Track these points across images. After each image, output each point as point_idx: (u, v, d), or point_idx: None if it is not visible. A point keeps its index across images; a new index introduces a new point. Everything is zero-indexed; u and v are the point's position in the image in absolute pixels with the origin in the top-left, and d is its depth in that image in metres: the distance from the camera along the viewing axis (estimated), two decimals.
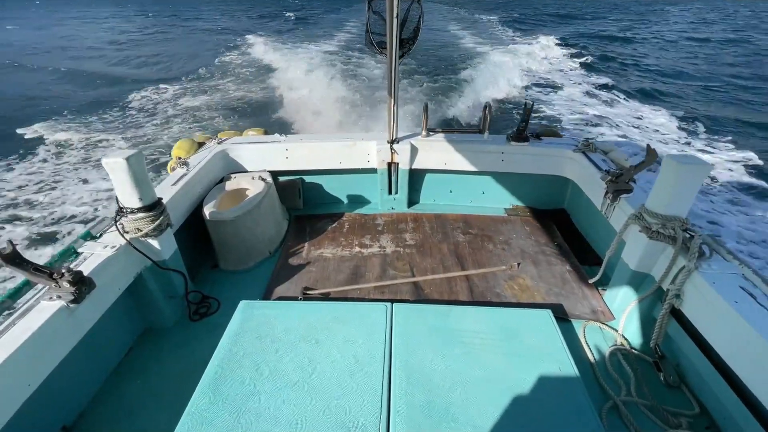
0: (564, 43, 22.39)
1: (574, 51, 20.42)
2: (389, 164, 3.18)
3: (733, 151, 8.99)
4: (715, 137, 9.86)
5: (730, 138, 9.75)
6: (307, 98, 11.64)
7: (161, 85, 14.73)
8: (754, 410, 1.51)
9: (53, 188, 7.48)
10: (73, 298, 1.59)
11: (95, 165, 8.23)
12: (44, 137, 9.84)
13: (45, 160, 8.65)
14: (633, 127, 10.52)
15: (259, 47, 21.14)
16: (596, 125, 10.62)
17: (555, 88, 14.06)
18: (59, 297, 1.59)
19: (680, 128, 10.41)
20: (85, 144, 9.55)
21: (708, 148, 9.25)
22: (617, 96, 13.22)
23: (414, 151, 3.13)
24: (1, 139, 9.72)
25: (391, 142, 3.07)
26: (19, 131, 10.19)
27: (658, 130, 10.34)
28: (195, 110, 11.98)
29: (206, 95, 13.48)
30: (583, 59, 18.55)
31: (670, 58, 19.77)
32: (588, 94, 13.59)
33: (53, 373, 1.58)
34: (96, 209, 6.77)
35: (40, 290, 1.64)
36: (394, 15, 2.30)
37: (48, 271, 1.55)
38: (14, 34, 29.43)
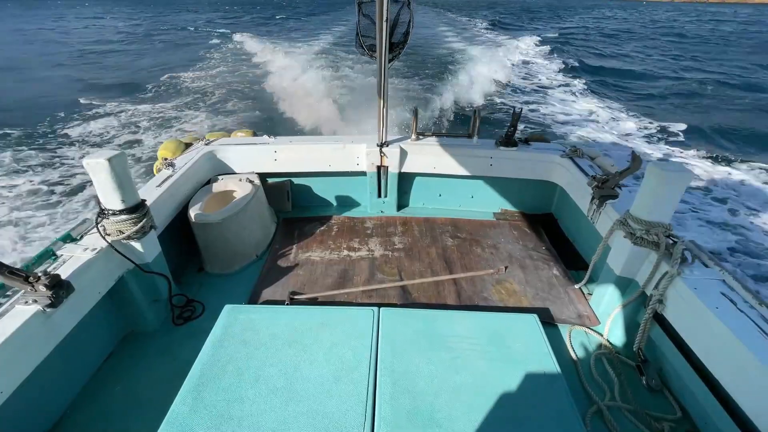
0: (544, 43, 23.32)
1: (553, 53, 21.24)
2: (379, 167, 3.17)
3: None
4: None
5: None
6: (297, 99, 11.61)
7: (147, 86, 14.57)
8: (733, 415, 1.53)
9: None
10: (49, 302, 1.54)
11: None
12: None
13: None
14: (613, 131, 10.77)
15: (249, 47, 21.10)
16: (580, 127, 10.85)
17: (540, 92, 14.34)
18: (35, 301, 1.54)
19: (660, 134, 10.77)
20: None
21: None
22: (600, 98, 13.60)
23: (403, 154, 3.13)
24: None
25: (381, 145, 3.07)
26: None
27: (630, 134, 10.63)
28: (180, 111, 11.84)
29: (193, 96, 13.35)
30: (560, 59, 19.34)
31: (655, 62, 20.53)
32: (573, 94, 13.95)
33: (28, 379, 1.53)
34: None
35: (16, 294, 1.59)
36: (384, 19, 2.31)
37: (24, 275, 1.51)
38: None
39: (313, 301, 2.38)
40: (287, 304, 2.31)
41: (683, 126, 11.14)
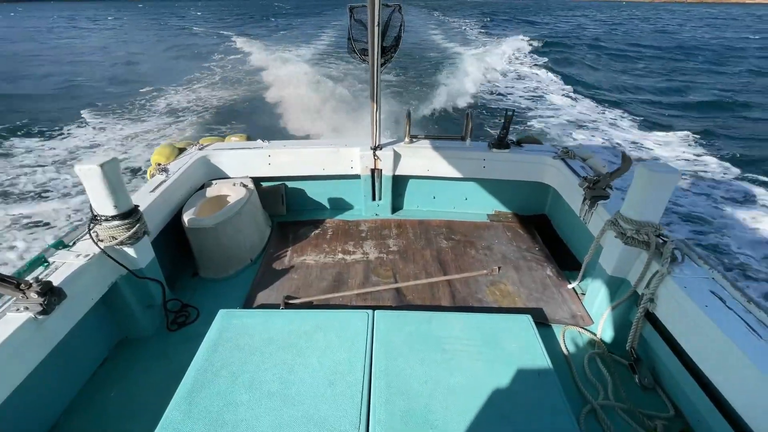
0: (534, 43, 23.97)
1: (542, 52, 21.83)
2: (372, 170, 3.18)
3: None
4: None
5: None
6: (291, 103, 11.63)
7: (141, 90, 14.53)
8: (724, 412, 1.55)
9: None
10: (41, 309, 1.53)
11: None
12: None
13: None
14: (605, 132, 10.91)
15: (243, 51, 21.13)
16: (572, 129, 10.98)
17: (531, 94, 14.51)
18: (26, 308, 1.53)
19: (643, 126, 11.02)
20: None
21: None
22: (591, 100, 13.81)
23: (397, 157, 3.14)
24: None
25: (374, 148, 3.08)
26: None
27: (622, 134, 10.77)
28: (175, 116, 11.81)
29: (187, 101, 13.33)
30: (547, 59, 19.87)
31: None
32: (565, 96, 14.12)
33: (22, 386, 1.51)
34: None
35: (7, 302, 1.58)
36: (376, 23, 2.32)
37: (15, 282, 1.50)
38: None
39: (308, 305, 2.37)
40: (282, 308, 2.31)
41: (673, 123, 11.47)
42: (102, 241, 1.92)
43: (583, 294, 2.46)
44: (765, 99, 14.40)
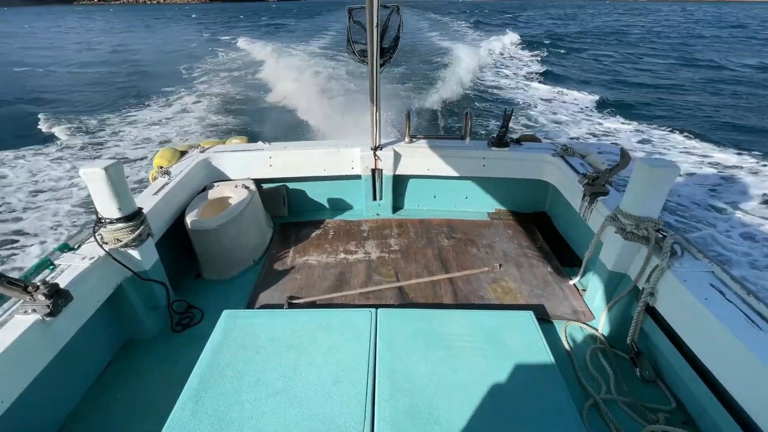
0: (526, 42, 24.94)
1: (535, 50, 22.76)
2: (373, 170, 3.20)
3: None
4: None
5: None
6: (291, 104, 11.66)
7: (141, 96, 14.58)
8: (726, 404, 1.56)
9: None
10: (48, 311, 1.55)
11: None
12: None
13: None
14: (604, 129, 10.98)
15: (245, 53, 21.18)
16: (571, 126, 11.04)
17: (529, 92, 14.66)
18: (34, 310, 1.55)
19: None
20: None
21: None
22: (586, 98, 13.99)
23: (397, 157, 3.16)
24: None
25: (375, 148, 3.10)
26: None
27: (620, 130, 10.89)
28: (177, 119, 11.85)
29: (188, 105, 13.37)
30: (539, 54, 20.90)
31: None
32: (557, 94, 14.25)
33: (29, 389, 1.53)
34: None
35: (14, 304, 1.60)
36: (375, 24, 2.34)
37: (22, 284, 1.52)
38: None
39: (311, 305, 2.39)
40: (285, 309, 2.32)
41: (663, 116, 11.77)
42: (107, 243, 1.94)
43: (584, 290, 2.47)
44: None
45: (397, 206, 3.46)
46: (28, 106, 13.49)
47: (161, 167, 2.91)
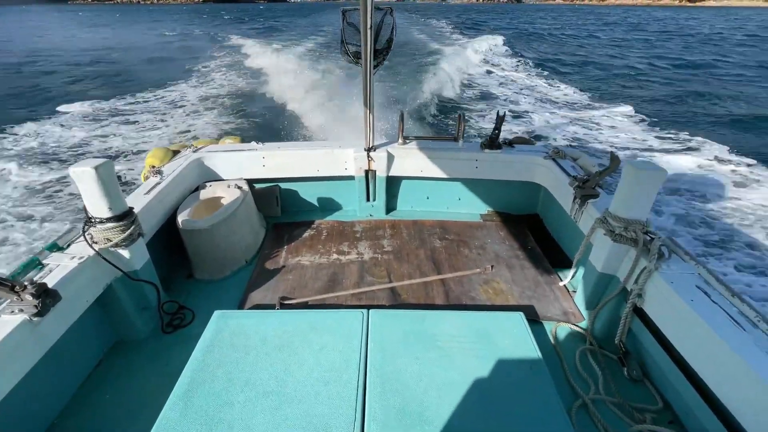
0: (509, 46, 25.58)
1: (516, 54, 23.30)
2: (366, 171, 3.21)
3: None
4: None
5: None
6: (284, 104, 11.63)
7: (138, 94, 14.47)
8: (711, 403, 1.59)
9: None
10: (36, 311, 1.54)
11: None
12: None
13: None
14: (596, 132, 11.10)
15: (240, 52, 21.10)
16: (563, 129, 11.16)
17: (521, 94, 14.84)
18: (21, 310, 1.53)
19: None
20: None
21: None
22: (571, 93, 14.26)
23: (390, 158, 3.17)
24: None
25: (368, 149, 3.11)
26: None
27: (616, 133, 11.01)
28: (169, 119, 11.76)
29: (181, 103, 13.27)
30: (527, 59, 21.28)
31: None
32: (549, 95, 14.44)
33: (16, 389, 1.52)
34: None
35: (1, 304, 1.58)
36: (368, 26, 2.35)
37: (9, 284, 1.50)
38: None
39: (303, 305, 2.39)
40: (277, 309, 2.32)
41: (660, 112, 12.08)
42: (96, 243, 1.93)
43: (574, 291, 2.50)
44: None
45: (390, 207, 3.47)
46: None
47: (153, 166, 2.89)
